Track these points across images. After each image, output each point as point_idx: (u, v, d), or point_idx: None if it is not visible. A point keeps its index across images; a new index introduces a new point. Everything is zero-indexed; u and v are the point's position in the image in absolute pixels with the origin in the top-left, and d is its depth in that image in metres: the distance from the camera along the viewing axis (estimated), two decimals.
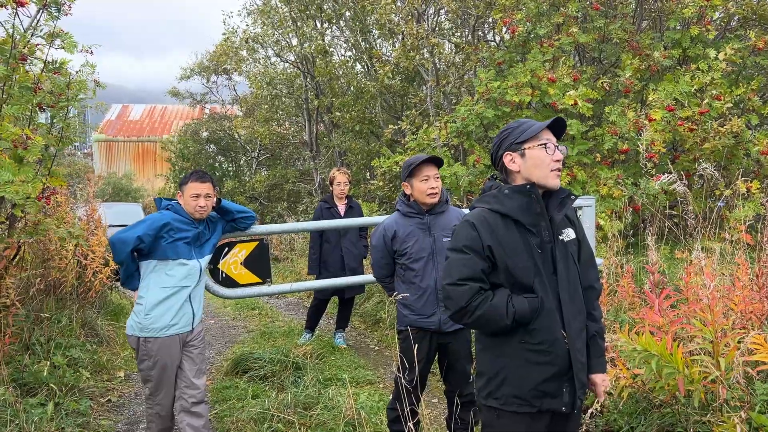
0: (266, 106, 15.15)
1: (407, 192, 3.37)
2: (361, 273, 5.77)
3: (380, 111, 11.93)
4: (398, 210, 3.42)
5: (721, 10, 7.26)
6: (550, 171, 2.12)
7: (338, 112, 12.33)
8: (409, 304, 3.32)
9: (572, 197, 2.18)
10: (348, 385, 4.33)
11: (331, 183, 5.94)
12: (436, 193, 3.29)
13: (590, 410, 3.17)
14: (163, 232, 3.21)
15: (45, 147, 4.60)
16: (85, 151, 29.57)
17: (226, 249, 4.03)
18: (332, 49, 13.02)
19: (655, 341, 2.93)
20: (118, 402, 4.62)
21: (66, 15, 4.82)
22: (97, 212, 6.79)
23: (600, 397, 2.26)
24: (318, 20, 12.62)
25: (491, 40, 10.47)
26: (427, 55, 9.50)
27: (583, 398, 2.18)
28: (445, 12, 10.69)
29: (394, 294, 3.36)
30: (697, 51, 6.94)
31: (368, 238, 6.13)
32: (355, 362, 5.41)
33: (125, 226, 3.33)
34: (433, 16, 10.80)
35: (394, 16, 10.04)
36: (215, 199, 3.45)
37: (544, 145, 2.12)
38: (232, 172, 17.41)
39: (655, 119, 6.13)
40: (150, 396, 3.33)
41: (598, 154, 6.70)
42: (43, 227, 4.56)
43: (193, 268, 3.30)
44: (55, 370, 4.40)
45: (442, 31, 10.97)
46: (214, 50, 16.90)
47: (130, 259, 3.22)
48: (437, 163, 3.33)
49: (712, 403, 2.92)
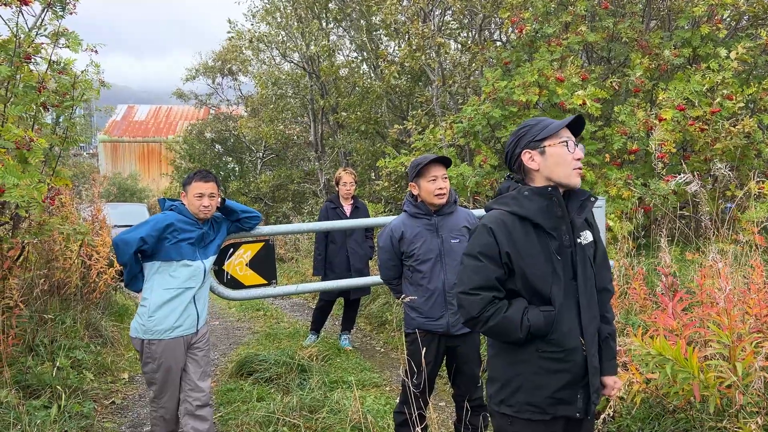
0: (272, 107, 15.13)
1: (415, 192, 3.31)
2: (367, 274, 5.72)
3: (386, 111, 11.88)
4: (405, 211, 3.36)
5: (732, 9, 7.17)
6: (572, 169, 2.04)
7: (344, 113, 12.29)
8: (417, 307, 3.26)
9: (592, 199, 2.11)
10: (354, 388, 4.27)
11: (337, 183, 5.89)
12: (444, 194, 3.23)
13: (603, 416, 3.10)
14: (166, 232, 3.16)
15: (50, 147, 4.57)
16: (90, 151, 29.66)
17: (231, 250, 3.99)
18: (338, 50, 12.99)
19: (670, 345, 2.86)
20: (122, 404, 4.58)
21: (71, 14, 4.80)
22: (102, 212, 6.77)
23: (611, 398, 2.22)
24: (323, 20, 12.58)
25: (498, 40, 10.41)
26: (433, 54, 9.44)
27: (597, 403, 2.13)
28: (451, 11, 10.63)
29: (401, 296, 3.31)
30: (708, 50, 6.85)
31: (374, 239, 6.08)
32: (361, 365, 5.36)
33: (130, 226, 3.29)
34: (440, 16, 10.74)
35: (400, 16, 9.99)
36: (219, 199, 3.41)
37: (566, 142, 2.05)
38: (237, 173, 17.41)
39: (665, 119, 6.05)
40: (154, 399, 3.29)
41: (607, 155, 6.63)
42: (48, 227, 4.52)
43: (197, 269, 3.25)
44: (58, 372, 4.37)
45: (448, 30, 10.91)
46: (220, 51, 16.90)
47: (134, 260, 3.18)
48: (445, 163, 3.27)
49: (728, 409, 2.85)
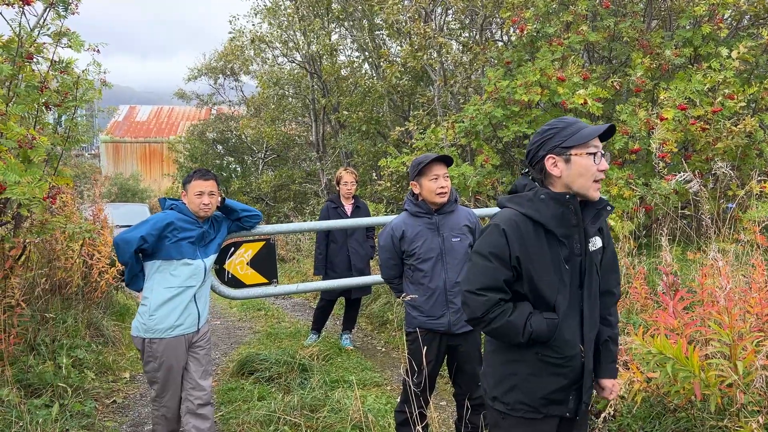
0: (273, 107, 15.14)
1: (416, 191, 3.31)
2: (368, 274, 5.72)
3: (387, 111, 11.88)
4: (406, 210, 3.36)
5: (733, 8, 7.16)
6: (593, 182, 1.99)
7: (345, 112, 12.29)
8: (418, 306, 3.26)
9: (609, 209, 2.07)
10: (355, 388, 4.27)
11: (338, 183, 5.89)
12: (445, 193, 3.23)
13: (603, 414, 3.10)
14: (166, 231, 3.17)
15: (51, 146, 4.58)
16: (92, 152, 29.70)
17: (232, 249, 4.00)
18: (339, 49, 12.99)
19: (671, 344, 2.86)
20: (123, 403, 4.59)
21: (73, 14, 4.80)
22: (104, 212, 6.78)
23: (608, 398, 2.23)
24: (325, 20, 12.59)
25: (499, 40, 10.40)
26: (435, 54, 9.44)
27: (588, 403, 2.15)
28: (452, 11, 10.63)
29: (402, 295, 3.31)
30: (709, 49, 6.84)
31: (375, 239, 6.08)
32: (362, 364, 5.36)
33: (131, 226, 3.29)
34: (441, 16, 10.74)
35: (401, 16, 9.99)
36: (220, 198, 3.41)
37: (593, 154, 1.98)
38: (239, 173, 17.42)
39: (666, 118, 6.04)
40: (156, 398, 3.29)
41: (608, 154, 6.62)
42: (51, 226, 4.53)
43: (198, 268, 3.26)
44: (59, 371, 4.37)
45: (449, 30, 10.91)
46: (222, 50, 16.92)
47: (134, 259, 3.19)
48: (447, 162, 3.27)
49: (729, 407, 2.85)
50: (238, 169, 17.65)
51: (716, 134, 6.02)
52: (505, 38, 10.20)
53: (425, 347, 3.13)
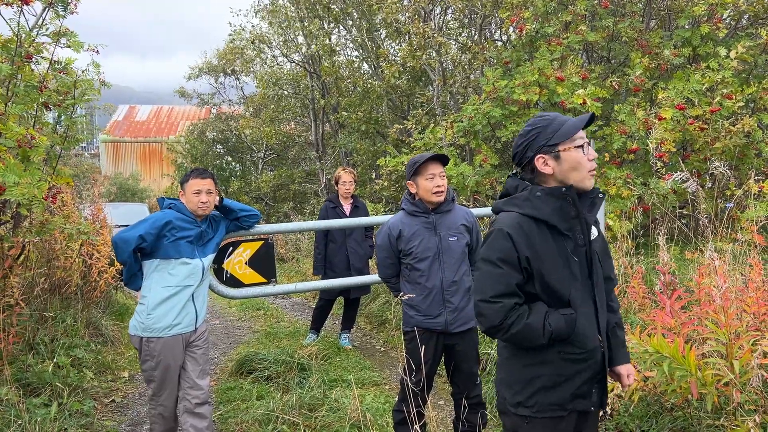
0: (273, 106, 15.14)
1: (412, 191, 3.31)
2: (367, 273, 5.73)
3: (386, 111, 11.89)
4: (403, 209, 3.36)
5: (731, 8, 7.17)
6: (587, 171, 2.00)
7: (344, 112, 12.30)
8: (415, 305, 3.27)
9: (601, 196, 2.08)
10: (353, 387, 4.28)
11: (337, 182, 5.89)
12: (442, 192, 3.24)
13: (601, 413, 3.11)
14: (165, 230, 3.18)
15: (50, 146, 4.58)
16: (92, 151, 29.71)
17: (231, 248, 4.00)
18: (339, 49, 13.00)
19: (667, 343, 2.87)
20: (122, 402, 4.59)
21: (72, 14, 4.81)
22: (103, 212, 6.78)
23: (624, 388, 2.22)
24: (325, 20, 12.60)
25: (498, 40, 10.41)
26: (434, 54, 9.45)
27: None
28: (451, 11, 10.64)
29: (400, 294, 3.32)
30: (708, 49, 6.85)
31: (374, 238, 6.08)
32: (360, 363, 5.37)
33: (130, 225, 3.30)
34: (440, 16, 10.75)
35: (400, 16, 10.00)
36: (218, 198, 3.42)
37: (581, 146, 1.98)
38: (238, 172, 17.43)
39: (665, 118, 6.06)
40: (153, 397, 3.30)
41: (606, 154, 6.63)
42: (50, 226, 4.54)
43: (196, 267, 3.26)
44: (58, 370, 4.38)
45: (449, 30, 10.92)
46: (223, 49, 16.93)
47: (133, 258, 3.19)
48: (443, 161, 3.28)
49: (726, 406, 2.86)
50: (238, 168, 17.65)
51: (714, 134, 6.03)
52: (504, 38, 10.21)
53: (422, 346, 3.14)
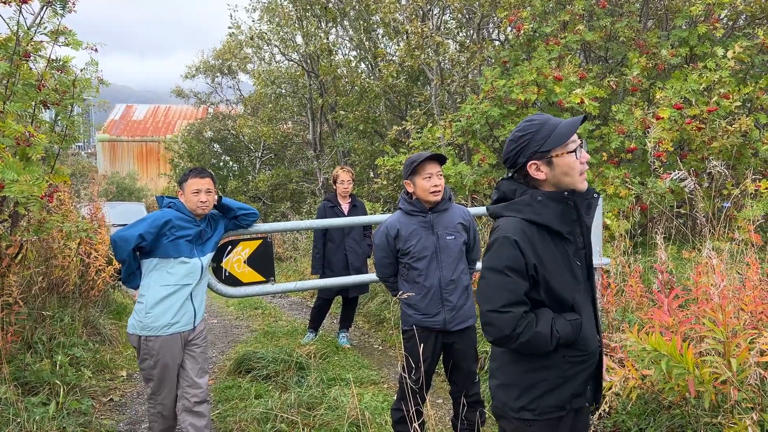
0: (270, 106, 15.13)
1: (410, 190, 3.32)
2: (366, 272, 5.73)
3: (384, 110, 11.88)
4: (401, 208, 3.37)
5: (729, 8, 7.20)
6: (579, 175, 1.99)
7: (342, 112, 12.30)
8: (413, 304, 3.28)
9: (596, 196, 2.08)
10: (352, 385, 4.29)
11: (335, 181, 5.89)
12: (439, 191, 3.25)
13: (599, 411, 3.12)
14: (164, 229, 3.18)
15: (49, 144, 4.57)
16: (89, 150, 29.65)
17: (230, 247, 4.00)
18: (336, 48, 12.99)
19: (665, 341, 2.88)
20: (121, 401, 4.59)
21: (70, 12, 4.80)
22: (101, 211, 6.78)
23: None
24: (322, 19, 12.59)
25: (496, 39, 10.43)
26: (432, 54, 9.46)
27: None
28: (449, 11, 10.64)
29: (399, 293, 3.32)
30: (705, 49, 6.87)
31: (372, 237, 6.09)
32: (358, 362, 5.37)
33: (127, 225, 3.30)
34: (438, 15, 10.76)
35: (398, 15, 10.00)
36: (216, 196, 3.42)
37: (573, 151, 1.97)
38: (236, 172, 17.41)
39: (662, 118, 6.08)
40: (152, 395, 3.30)
41: (604, 153, 6.65)
42: (49, 225, 4.53)
43: (195, 266, 3.26)
44: (57, 369, 4.38)
45: (447, 29, 10.93)
46: (221, 48, 16.90)
47: (132, 257, 3.19)
48: (440, 160, 3.28)
49: (723, 404, 2.87)
50: (235, 168, 17.63)
51: (712, 133, 6.05)
52: (501, 37, 10.22)
53: (421, 345, 3.15)
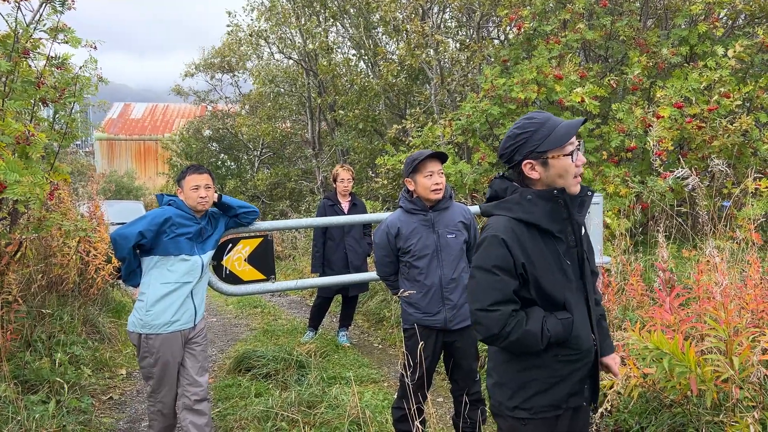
0: (269, 104, 15.10)
1: (411, 188, 3.31)
2: (366, 271, 5.72)
3: (384, 109, 11.86)
4: (401, 207, 3.36)
5: (728, 7, 7.20)
6: (574, 178, 1.98)
7: (341, 110, 12.28)
8: (414, 302, 3.27)
9: (590, 194, 2.07)
10: (352, 384, 4.28)
11: (335, 180, 5.88)
12: (440, 189, 3.23)
13: (600, 410, 3.12)
14: (165, 227, 3.17)
15: (48, 142, 4.56)
16: (87, 149, 29.59)
17: (230, 245, 3.99)
18: (336, 47, 12.97)
19: (667, 340, 2.87)
20: (120, 400, 4.58)
21: (70, 9, 4.78)
22: (100, 209, 6.76)
23: (616, 376, 2.24)
24: (322, 17, 12.57)
25: (496, 38, 10.42)
26: (432, 52, 9.45)
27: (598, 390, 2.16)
28: (449, 9, 10.63)
29: (399, 292, 3.32)
30: (705, 48, 6.88)
31: (372, 236, 6.08)
32: (358, 361, 5.37)
33: (126, 223, 3.29)
34: (438, 14, 10.75)
35: (398, 14, 9.99)
36: (216, 195, 3.41)
37: (570, 154, 1.95)
38: (234, 171, 17.39)
39: (663, 116, 6.08)
40: (152, 393, 3.29)
41: (605, 152, 6.65)
42: (48, 223, 4.52)
43: (195, 264, 3.25)
44: (56, 368, 4.37)
45: (446, 28, 10.92)
46: (220, 46, 16.87)
47: (132, 255, 3.18)
48: (441, 158, 3.27)
49: (725, 403, 2.87)
50: (234, 167, 17.60)
51: (712, 132, 6.06)
52: (501, 37, 10.22)
53: (422, 343, 3.14)
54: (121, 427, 4.11)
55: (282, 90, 14.63)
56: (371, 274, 4.76)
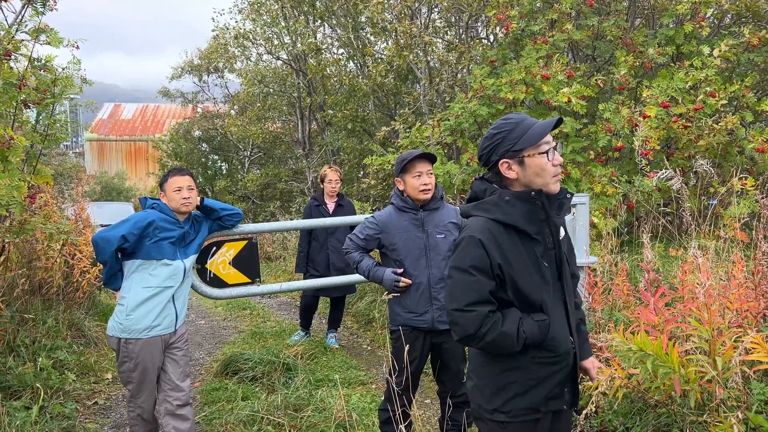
0: (259, 105, 15.04)
1: (400, 188, 3.31)
2: (350, 272, 5.69)
3: (373, 109, 11.84)
4: (393, 203, 3.36)
5: (715, 7, 7.23)
6: (552, 177, 1.98)
7: (331, 111, 12.25)
8: (402, 302, 3.26)
9: (569, 196, 2.07)
10: (339, 386, 4.26)
11: (322, 180, 5.86)
12: (429, 189, 3.23)
13: (585, 411, 3.11)
14: (148, 231, 3.13)
15: (30, 145, 4.51)
16: (77, 150, 29.39)
17: (214, 248, 3.96)
18: (324, 47, 12.93)
19: (651, 341, 2.87)
20: (105, 404, 4.53)
21: (51, 10, 4.74)
22: (86, 211, 6.69)
23: (593, 380, 2.24)
24: (310, 17, 12.53)
25: (484, 38, 10.42)
26: (420, 53, 9.44)
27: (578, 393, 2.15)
28: (438, 10, 10.63)
29: (386, 294, 3.30)
30: (691, 48, 6.90)
31: None
32: (347, 363, 5.35)
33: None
34: (426, 14, 10.74)
35: (386, 14, 9.97)
36: (199, 198, 3.38)
37: (546, 152, 1.96)
38: (224, 171, 17.31)
39: (649, 116, 6.09)
40: (131, 398, 3.26)
41: (591, 152, 6.66)
42: (30, 227, 4.46)
43: (177, 269, 3.22)
44: (40, 373, 4.31)
45: (435, 29, 10.91)
46: (206, 48, 16.77)
47: (114, 258, 3.14)
48: (430, 159, 3.27)
49: (709, 403, 2.87)
50: (224, 167, 17.52)
51: (698, 132, 6.08)
52: (490, 37, 10.22)
53: (409, 345, 3.13)
54: None
55: (271, 90, 14.57)
56: (355, 277, 4.74)
